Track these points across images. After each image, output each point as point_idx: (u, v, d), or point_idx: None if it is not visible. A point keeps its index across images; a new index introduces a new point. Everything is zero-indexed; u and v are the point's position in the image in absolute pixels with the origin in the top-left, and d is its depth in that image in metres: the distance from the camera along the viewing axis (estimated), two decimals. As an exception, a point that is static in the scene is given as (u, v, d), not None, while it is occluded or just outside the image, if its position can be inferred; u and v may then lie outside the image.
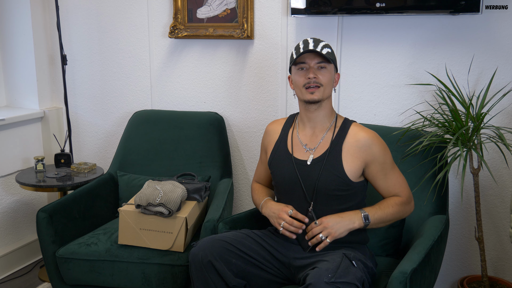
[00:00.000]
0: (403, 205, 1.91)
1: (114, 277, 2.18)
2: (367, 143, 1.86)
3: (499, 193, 2.38)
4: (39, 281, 2.80)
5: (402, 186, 1.93)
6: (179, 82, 2.88)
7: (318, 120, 1.92)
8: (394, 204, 1.89)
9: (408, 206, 1.93)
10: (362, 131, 1.90)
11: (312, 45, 1.85)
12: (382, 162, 1.88)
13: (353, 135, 1.89)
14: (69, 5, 2.99)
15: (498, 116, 2.30)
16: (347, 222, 1.80)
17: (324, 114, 1.92)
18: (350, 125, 1.92)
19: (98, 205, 2.53)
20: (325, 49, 1.86)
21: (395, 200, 1.90)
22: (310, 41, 1.88)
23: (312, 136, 1.93)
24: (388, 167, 1.90)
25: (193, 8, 2.74)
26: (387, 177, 1.90)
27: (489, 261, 2.42)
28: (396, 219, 1.92)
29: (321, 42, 1.88)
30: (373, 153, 1.86)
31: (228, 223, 2.08)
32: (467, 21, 2.28)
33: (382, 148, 1.89)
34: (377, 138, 1.89)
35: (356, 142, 1.87)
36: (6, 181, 2.89)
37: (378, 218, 1.85)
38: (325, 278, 1.59)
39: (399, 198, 1.91)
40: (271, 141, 2.04)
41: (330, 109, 1.94)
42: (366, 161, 1.86)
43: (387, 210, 1.87)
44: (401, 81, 2.45)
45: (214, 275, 1.77)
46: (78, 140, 3.15)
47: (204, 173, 2.63)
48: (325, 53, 1.84)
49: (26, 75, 3.03)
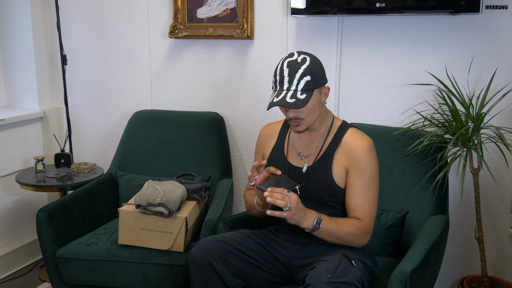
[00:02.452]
0: (360, 231, 1.78)
1: (114, 277, 2.18)
2: (355, 151, 1.81)
3: (499, 193, 2.38)
4: (39, 281, 2.80)
5: (368, 212, 1.80)
6: (179, 82, 2.88)
7: (313, 128, 1.88)
8: (352, 225, 1.77)
9: (363, 236, 1.80)
10: (357, 139, 1.83)
11: (287, 82, 1.73)
12: (360, 173, 1.80)
13: (346, 142, 1.84)
14: (69, 5, 2.99)
15: (498, 116, 2.30)
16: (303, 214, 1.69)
17: (318, 122, 1.86)
18: (346, 131, 1.87)
19: (98, 205, 2.53)
20: (302, 80, 1.73)
21: (355, 222, 1.78)
22: (285, 74, 1.74)
23: (308, 142, 1.91)
24: (364, 182, 1.80)
25: (193, 8, 2.74)
26: (357, 192, 1.80)
27: (489, 261, 2.42)
28: (346, 243, 1.79)
29: (298, 71, 1.73)
30: (355, 160, 1.80)
31: (228, 223, 2.09)
32: (467, 21, 2.28)
33: (369, 160, 1.81)
34: (367, 149, 1.81)
35: (346, 151, 1.83)
36: (6, 181, 2.89)
37: (329, 230, 1.73)
38: (324, 278, 1.59)
39: (359, 221, 1.79)
40: (268, 146, 2.01)
41: (323, 116, 1.87)
42: (347, 166, 1.82)
43: (342, 227, 1.75)
44: (401, 81, 2.45)
45: (214, 276, 1.77)
46: (78, 140, 3.16)
47: (204, 173, 2.63)
48: (303, 85, 1.72)
49: (26, 75, 3.04)
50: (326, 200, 1.84)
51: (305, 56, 1.77)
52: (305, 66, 1.74)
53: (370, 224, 1.81)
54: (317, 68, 1.77)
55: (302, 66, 1.74)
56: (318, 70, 1.77)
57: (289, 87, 1.74)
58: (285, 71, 1.75)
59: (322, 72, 1.81)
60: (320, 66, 1.80)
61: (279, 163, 1.94)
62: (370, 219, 1.81)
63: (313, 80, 1.75)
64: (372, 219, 1.82)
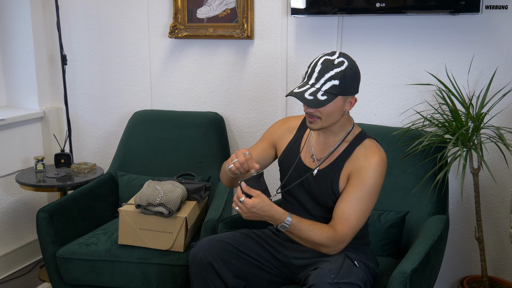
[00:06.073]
0: (330, 241, 1.69)
1: (114, 277, 2.18)
2: (362, 162, 1.76)
3: (499, 193, 2.38)
4: (39, 281, 2.80)
5: (351, 223, 1.71)
6: (179, 82, 2.88)
7: (331, 132, 1.83)
8: (324, 233, 1.69)
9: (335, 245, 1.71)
10: (369, 152, 1.77)
11: (314, 78, 1.69)
12: (360, 182, 1.74)
13: (358, 153, 1.79)
14: (69, 5, 2.99)
15: (498, 116, 2.30)
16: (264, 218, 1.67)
17: (337, 128, 1.82)
18: (361, 142, 1.81)
19: (98, 205, 2.53)
20: (329, 82, 1.68)
21: (329, 232, 1.69)
22: (316, 70, 1.70)
23: (324, 146, 1.86)
24: (360, 192, 1.73)
25: (193, 8, 2.74)
26: (350, 200, 1.73)
27: (489, 261, 2.42)
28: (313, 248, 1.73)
29: (329, 72, 1.68)
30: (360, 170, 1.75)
31: (228, 223, 2.09)
32: (467, 21, 2.28)
33: (374, 175, 1.74)
34: (376, 164, 1.75)
35: (355, 160, 1.78)
36: (6, 181, 2.89)
37: (296, 235, 1.70)
38: (328, 279, 1.58)
39: (332, 231, 1.70)
40: (285, 138, 1.97)
41: (343, 123, 1.81)
42: (350, 173, 1.78)
43: (311, 234, 1.68)
44: (401, 81, 2.45)
45: (214, 276, 1.77)
46: (78, 140, 3.16)
47: (204, 173, 2.63)
48: (328, 88, 1.67)
49: (26, 75, 3.03)
50: (329, 205, 1.82)
51: (344, 59, 1.70)
52: (338, 70, 1.68)
53: (346, 235, 1.71)
54: (350, 75, 1.70)
55: (335, 69, 1.68)
56: (350, 78, 1.70)
57: (314, 84, 1.70)
58: (317, 67, 1.70)
59: (355, 81, 1.73)
60: (355, 75, 1.72)
61: (292, 159, 1.91)
62: (349, 230, 1.71)
63: (340, 86, 1.68)
64: (351, 230, 1.72)
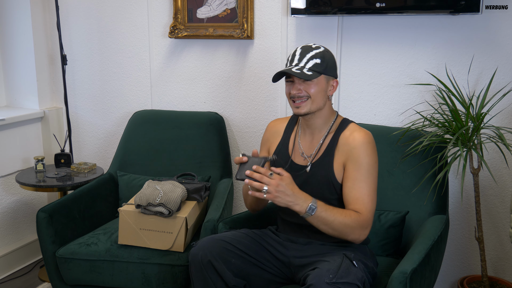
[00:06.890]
0: (357, 224, 1.72)
1: (114, 277, 2.18)
2: (350, 144, 1.81)
3: (499, 193, 2.38)
4: (39, 281, 2.80)
5: (368, 206, 1.75)
6: (179, 82, 2.88)
7: (316, 127, 1.89)
8: (349, 216, 1.71)
9: (360, 230, 1.73)
10: (354, 133, 1.83)
11: (296, 59, 1.79)
12: (357, 165, 1.78)
13: (345, 137, 1.84)
14: (69, 5, 2.99)
15: (498, 116, 2.30)
16: (291, 198, 1.66)
17: (322, 121, 1.88)
18: (345, 128, 1.86)
19: (98, 205, 2.53)
20: (311, 61, 1.78)
21: (352, 214, 1.72)
22: (297, 53, 1.81)
23: (311, 142, 1.91)
24: (362, 175, 1.77)
25: (193, 8, 2.74)
26: (355, 184, 1.76)
27: (489, 261, 2.42)
28: (340, 234, 1.73)
29: (309, 52, 1.80)
30: (351, 152, 1.79)
31: (228, 223, 2.09)
32: (467, 21, 2.28)
33: (366, 152, 1.79)
34: (365, 142, 1.80)
35: (343, 145, 1.83)
36: (6, 181, 2.89)
37: (324, 218, 1.69)
38: (326, 279, 1.58)
39: (358, 214, 1.73)
40: (273, 142, 2.02)
41: (327, 115, 1.88)
42: (344, 160, 1.81)
43: (338, 216, 1.70)
44: (401, 81, 2.45)
45: (214, 275, 1.77)
46: (78, 140, 3.16)
47: (204, 173, 2.63)
48: (311, 65, 1.77)
49: (26, 75, 3.04)
50: (327, 197, 1.83)
51: (321, 45, 1.85)
52: (318, 51, 1.81)
53: (368, 218, 1.75)
54: (329, 57, 1.83)
55: (314, 50, 1.81)
56: (329, 58, 1.83)
57: (298, 64, 1.80)
58: (298, 52, 1.83)
59: (334, 63, 1.85)
60: (333, 59, 1.85)
61: (284, 160, 1.94)
62: (369, 213, 1.75)
63: (322, 65, 1.80)
64: (371, 213, 1.76)
